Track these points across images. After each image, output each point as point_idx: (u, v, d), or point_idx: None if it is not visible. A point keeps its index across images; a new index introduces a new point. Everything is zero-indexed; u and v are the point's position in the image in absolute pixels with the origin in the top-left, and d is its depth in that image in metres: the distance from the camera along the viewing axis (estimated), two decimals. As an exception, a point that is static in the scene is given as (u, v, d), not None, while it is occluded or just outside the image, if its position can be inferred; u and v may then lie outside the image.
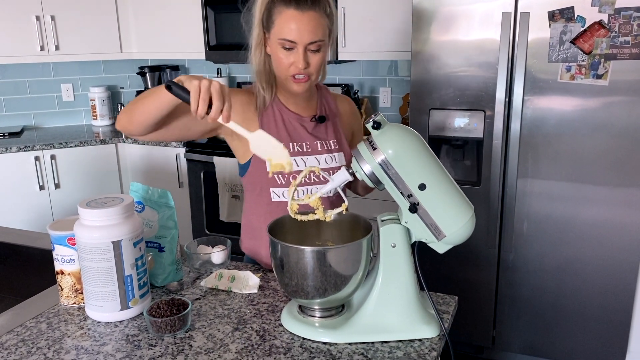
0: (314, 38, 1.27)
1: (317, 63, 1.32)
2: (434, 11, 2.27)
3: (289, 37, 1.27)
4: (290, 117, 1.42)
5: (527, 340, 2.47)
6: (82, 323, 1.18)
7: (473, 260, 2.45)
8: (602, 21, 2.02)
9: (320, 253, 1.05)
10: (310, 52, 1.30)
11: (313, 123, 1.44)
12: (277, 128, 1.40)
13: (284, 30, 1.27)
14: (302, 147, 1.41)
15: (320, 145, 1.42)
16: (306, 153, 1.41)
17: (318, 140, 1.43)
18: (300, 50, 1.28)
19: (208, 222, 3.15)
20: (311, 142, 1.42)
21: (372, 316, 1.10)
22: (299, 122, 1.43)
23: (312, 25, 1.26)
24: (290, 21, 1.26)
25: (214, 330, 1.14)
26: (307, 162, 1.40)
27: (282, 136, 1.40)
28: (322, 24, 1.29)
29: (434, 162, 1.07)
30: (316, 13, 1.27)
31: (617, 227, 2.19)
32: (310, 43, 1.28)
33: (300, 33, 1.26)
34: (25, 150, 3.10)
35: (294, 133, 1.42)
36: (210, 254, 1.41)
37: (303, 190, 1.40)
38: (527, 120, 2.23)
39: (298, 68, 1.29)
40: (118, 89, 3.89)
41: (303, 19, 1.26)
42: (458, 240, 1.08)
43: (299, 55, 1.28)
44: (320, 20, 1.28)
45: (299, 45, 1.28)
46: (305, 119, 1.43)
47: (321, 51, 1.31)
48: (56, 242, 1.22)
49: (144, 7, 3.40)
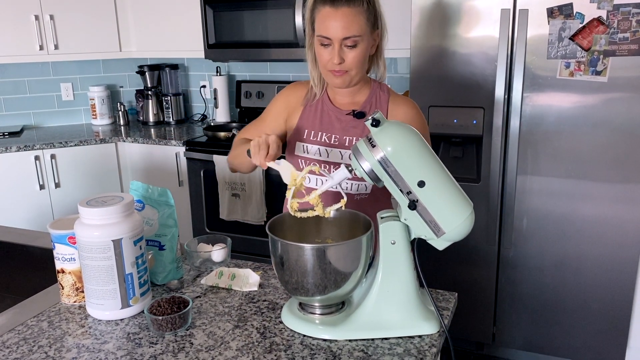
0: (347, 34, 1.32)
1: (354, 58, 1.35)
2: (433, 8, 2.27)
3: (324, 34, 1.34)
4: (329, 109, 1.48)
5: (527, 336, 2.47)
6: (83, 321, 1.18)
7: (473, 257, 2.46)
8: (601, 17, 2.02)
9: (320, 250, 1.05)
10: (347, 47, 1.34)
11: (349, 118, 1.47)
12: (313, 118, 1.49)
13: (321, 27, 1.34)
14: (330, 139, 1.46)
15: (349, 141, 1.45)
16: (332, 145, 1.46)
17: (349, 136, 1.46)
18: (336, 46, 1.33)
19: (208, 221, 3.15)
20: (340, 136, 1.46)
21: (372, 313, 1.10)
22: (335, 115, 1.48)
23: (346, 22, 1.31)
24: (326, 18, 1.32)
25: (215, 327, 1.14)
26: (330, 154, 1.45)
27: (315, 125, 1.47)
28: (358, 20, 1.32)
29: (432, 159, 1.07)
30: (351, 9, 1.31)
31: (617, 223, 2.20)
32: (344, 39, 1.32)
33: (334, 29, 1.31)
34: (25, 150, 3.10)
35: (328, 124, 1.47)
36: (210, 252, 1.42)
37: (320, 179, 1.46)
38: (526, 117, 2.23)
39: (334, 64, 1.35)
40: (117, 88, 3.89)
41: (337, 16, 1.31)
42: (457, 236, 1.08)
43: (334, 50, 1.34)
44: (356, 16, 1.32)
45: (334, 41, 1.33)
46: (343, 113, 1.47)
47: (358, 47, 1.35)
48: (57, 241, 1.22)
49: (143, 5, 3.40)
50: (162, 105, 3.71)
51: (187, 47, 3.33)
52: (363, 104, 1.48)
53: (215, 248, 1.43)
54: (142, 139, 3.26)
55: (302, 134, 1.49)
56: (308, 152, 1.47)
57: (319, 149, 1.46)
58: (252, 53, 3.09)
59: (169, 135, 3.32)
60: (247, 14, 3.02)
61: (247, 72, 3.58)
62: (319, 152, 1.46)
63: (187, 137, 3.24)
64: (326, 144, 1.46)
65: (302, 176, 1.17)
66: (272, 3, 2.92)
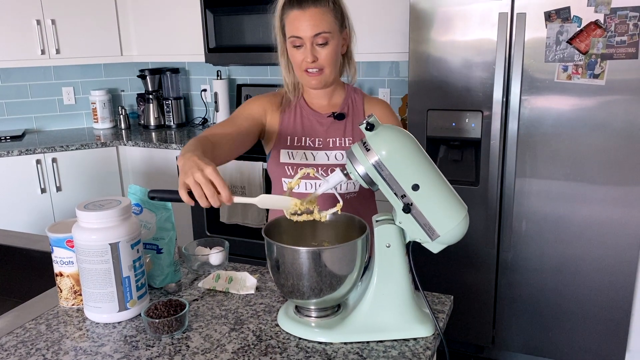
0: (317, 30, 1.37)
1: (327, 56, 1.40)
2: (431, 12, 2.28)
3: (295, 34, 1.39)
4: (308, 113, 1.52)
5: (526, 339, 2.47)
6: (80, 324, 1.19)
7: (472, 260, 2.46)
8: (598, 21, 2.03)
9: (315, 253, 1.06)
10: (318, 46, 1.39)
11: (330, 120, 1.51)
12: (294, 123, 1.51)
13: (291, 29, 1.40)
14: (314, 143, 1.49)
15: (333, 142, 1.49)
16: (317, 148, 1.49)
17: (331, 137, 1.50)
18: (308, 44, 1.38)
19: (209, 224, 3.16)
20: (324, 139, 1.50)
21: (367, 316, 1.11)
22: (315, 119, 1.51)
23: (314, 20, 1.37)
24: (295, 20, 1.39)
25: (211, 330, 1.15)
26: (316, 157, 1.48)
27: (297, 131, 1.50)
28: (326, 18, 1.38)
29: (427, 162, 1.08)
30: (317, 9, 1.37)
31: (616, 226, 2.20)
32: (314, 36, 1.37)
33: (304, 28, 1.37)
34: (26, 154, 3.12)
35: (309, 129, 1.51)
36: (208, 256, 1.42)
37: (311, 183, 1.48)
38: (524, 120, 2.23)
39: (307, 62, 1.40)
40: (119, 92, 3.91)
41: (305, 16, 1.37)
42: (452, 240, 1.09)
43: (307, 49, 1.39)
44: (324, 15, 1.38)
45: (305, 40, 1.38)
46: (323, 116, 1.52)
47: (329, 44, 1.40)
48: (55, 244, 1.23)
49: (144, 10, 3.42)
50: (163, 109, 3.72)
51: (188, 51, 3.35)
52: (341, 106, 1.53)
53: (213, 251, 1.44)
54: (143, 143, 3.28)
55: (285, 141, 1.51)
56: (294, 158, 1.49)
57: (305, 153, 1.49)
58: (253, 57, 3.10)
59: (170, 139, 3.34)
60: (247, 18, 3.03)
61: (247, 75, 3.60)
62: (304, 157, 1.49)
63: (187, 140, 3.25)
64: (311, 148, 1.49)
65: (298, 178, 1.18)
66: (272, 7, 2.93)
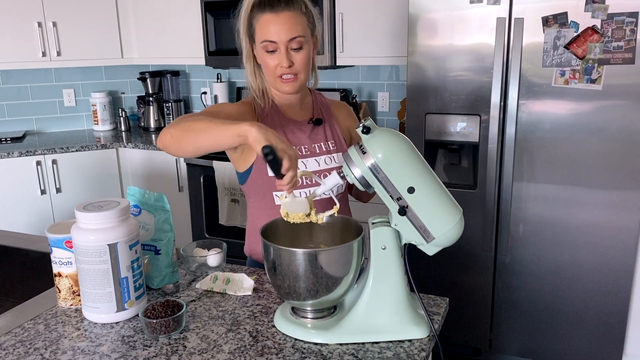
0: (292, 34, 1.33)
1: (301, 60, 1.37)
2: (430, 16, 2.29)
3: (269, 38, 1.34)
4: (288, 122, 1.47)
5: (523, 342, 2.48)
6: (79, 324, 1.20)
7: (470, 263, 2.47)
8: (595, 26, 2.04)
9: (311, 255, 1.07)
10: (293, 50, 1.35)
11: (310, 126, 1.49)
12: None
13: (263, 33, 1.34)
14: (302, 151, 1.46)
15: (319, 148, 1.48)
16: (305, 156, 1.46)
17: (316, 143, 1.48)
18: (282, 49, 1.34)
19: (208, 226, 3.17)
20: (309, 145, 1.48)
21: (362, 317, 1.12)
22: (296, 127, 1.48)
23: (289, 24, 1.33)
24: (268, 24, 1.33)
25: (208, 331, 1.16)
26: (306, 165, 1.46)
27: None
28: (300, 21, 1.35)
29: (422, 166, 1.09)
30: (291, 12, 1.34)
31: (612, 230, 2.21)
32: (289, 40, 1.34)
33: (279, 32, 1.33)
34: (27, 155, 3.14)
35: (293, 138, 1.47)
36: (205, 257, 1.43)
37: (300, 192, 1.43)
38: (522, 124, 2.25)
39: (283, 67, 1.35)
40: (119, 94, 3.92)
41: (279, 20, 1.32)
42: (446, 242, 1.10)
43: (282, 54, 1.34)
44: (297, 18, 1.34)
45: (279, 44, 1.33)
46: (303, 123, 1.49)
47: (304, 49, 1.36)
48: (54, 245, 1.24)
49: (145, 13, 3.44)
50: (163, 112, 3.74)
51: (188, 54, 3.37)
52: (314, 110, 1.51)
53: (210, 253, 1.45)
54: (143, 145, 3.29)
55: None
56: None
57: None
58: (252, 60, 3.11)
59: (169, 141, 3.34)
60: (247, 22, 3.05)
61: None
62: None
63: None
64: (300, 157, 1.44)
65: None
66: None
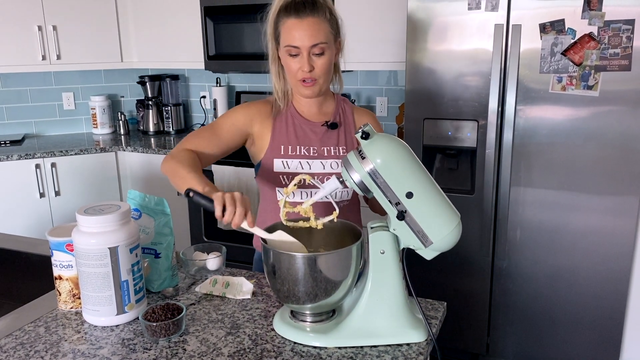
0: (315, 41, 1.37)
1: (322, 66, 1.41)
2: (428, 22, 2.31)
3: (292, 43, 1.38)
4: (301, 122, 1.51)
5: (521, 347, 2.49)
6: (79, 327, 1.21)
7: (467, 268, 2.48)
8: (592, 33, 2.06)
9: (310, 259, 1.08)
10: (315, 55, 1.39)
11: (324, 129, 1.52)
12: (287, 132, 1.50)
13: (288, 38, 1.39)
14: (309, 151, 1.49)
15: (327, 151, 1.50)
16: (312, 157, 1.49)
17: (326, 146, 1.50)
18: (305, 54, 1.38)
19: (206, 230, 3.17)
20: (319, 147, 1.50)
21: (361, 321, 1.13)
22: (309, 128, 1.51)
23: (312, 30, 1.37)
24: (292, 29, 1.38)
25: (208, 334, 1.17)
26: (312, 166, 1.48)
27: (292, 140, 1.49)
28: (323, 28, 1.38)
29: (421, 171, 1.10)
30: (315, 18, 1.37)
31: (609, 235, 2.22)
32: (312, 46, 1.37)
33: (302, 38, 1.37)
34: (26, 158, 3.14)
35: (303, 137, 1.50)
36: (205, 261, 1.44)
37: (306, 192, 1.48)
38: (519, 129, 2.26)
39: (304, 72, 1.39)
40: (118, 97, 3.93)
41: (303, 25, 1.37)
42: (445, 247, 1.11)
43: (304, 59, 1.38)
44: (321, 25, 1.38)
45: (302, 49, 1.38)
46: (316, 125, 1.52)
47: (325, 54, 1.40)
48: (55, 248, 1.25)
49: (145, 17, 3.45)
50: (162, 115, 3.75)
51: (188, 58, 3.38)
52: (333, 115, 1.53)
53: (210, 256, 1.46)
54: (142, 149, 3.30)
55: (279, 150, 1.49)
56: (289, 167, 1.48)
57: (300, 162, 1.48)
58: (252, 65, 3.13)
59: (168, 145, 3.36)
60: (246, 26, 3.07)
61: (246, 83, 3.63)
62: (300, 166, 1.48)
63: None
64: (306, 157, 1.49)
65: (294, 184, 1.20)
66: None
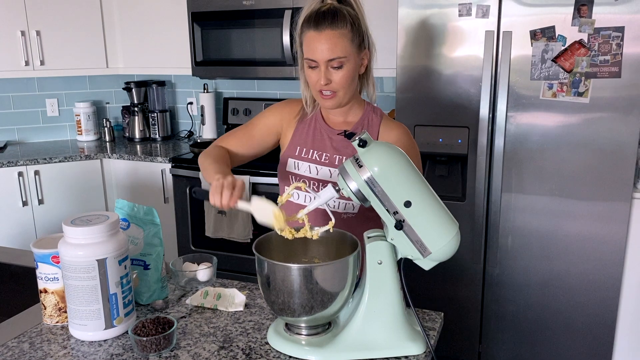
0: (332, 56, 1.34)
1: (340, 80, 1.37)
2: (419, 29, 2.30)
3: (310, 57, 1.37)
4: (322, 127, 1.51)
5: (513, 354, 2.48)
6: (65, 342, 1.16)
7: (459, 275, 2.46)
8: (582, 40, 2.07)
9: (306, 270, 1.05)
10: (333, 69, 1.36)
11: (339, 137, 1.49)
12: (305, 135, 1.51)
13: (307, 50, 1.37)
14: (321, 157, 1.48)
15: (339, 160, 1.47)
16: (323, 163, 1.48)
17: (339, 155, 1.47)
18: (322, 67, 1.36)
19: (194, 238, 3.13)
20: (331, 155, 1.48)
21: (358, 333, 1.10)
22: (327, 134, 1.50)
23: (330, 44, 1.33)
24: (311, 42, 1.35)
25: (200, 349, 1.13)
26: (319, 172, 1.47)
27: (307, 142, 1.50)
28: (342, 42, 1.34)
29: (419, 179, 1.08)
30: (334, 32, 1.33)
31: (600, 241, 2.22)
32: (329, 60, 1.35)
33: (319, 52, 1.34)
34: (8, 166, 3.07)
35: (319, 142, 1.50)
36: (195, 272, 1.41)
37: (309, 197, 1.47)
38: (510, 136, 2.26)
39: (321, 84, 1.37)
40: (104, 104, 3.87)
41: (321, 39, 1.33)
42: (443, 256, 1.09)
43: (321, 72, 1.36)
44: (340, 38, 1.34)
45: (319, 63, 1.35)
46: (334, 132, 1.50)
47: (344, 67, 1.37)
48: (40, 260, 1.20)
49: (131, 22, 3.40)
50: (148, 122, 3.69)
51: (175, 64, 3.34)
52: (355, 125, 1.49)
53: (200, 267, 1.42)
54: (127, 156, 3.24)
55: (294, 151, 1.51)
56: (299, 169, 1.49)
57: (309, 166, 1.48)
58: (240, 71, 3.10)
59: (154, 152, 3.31)
60: (234, 32, 3.04)
61: (234, 89, 3.59)
62: (309, 169, 1.48)
63: (173, 153, 3.23)
64: (316, 162, 1.48)
65: (289, 193, 1.17)
66: (260, 22, 2.94)
